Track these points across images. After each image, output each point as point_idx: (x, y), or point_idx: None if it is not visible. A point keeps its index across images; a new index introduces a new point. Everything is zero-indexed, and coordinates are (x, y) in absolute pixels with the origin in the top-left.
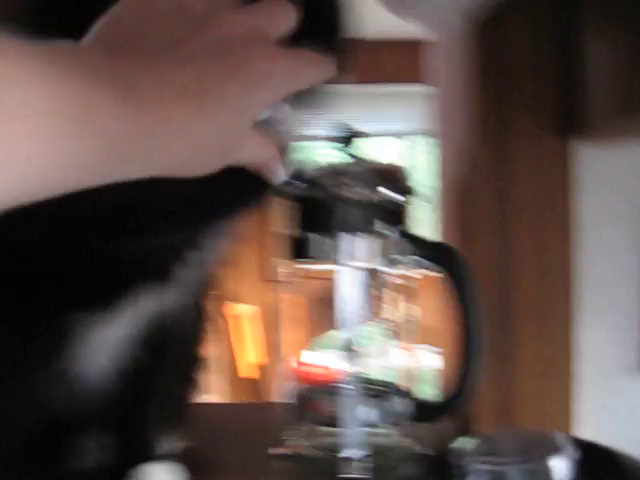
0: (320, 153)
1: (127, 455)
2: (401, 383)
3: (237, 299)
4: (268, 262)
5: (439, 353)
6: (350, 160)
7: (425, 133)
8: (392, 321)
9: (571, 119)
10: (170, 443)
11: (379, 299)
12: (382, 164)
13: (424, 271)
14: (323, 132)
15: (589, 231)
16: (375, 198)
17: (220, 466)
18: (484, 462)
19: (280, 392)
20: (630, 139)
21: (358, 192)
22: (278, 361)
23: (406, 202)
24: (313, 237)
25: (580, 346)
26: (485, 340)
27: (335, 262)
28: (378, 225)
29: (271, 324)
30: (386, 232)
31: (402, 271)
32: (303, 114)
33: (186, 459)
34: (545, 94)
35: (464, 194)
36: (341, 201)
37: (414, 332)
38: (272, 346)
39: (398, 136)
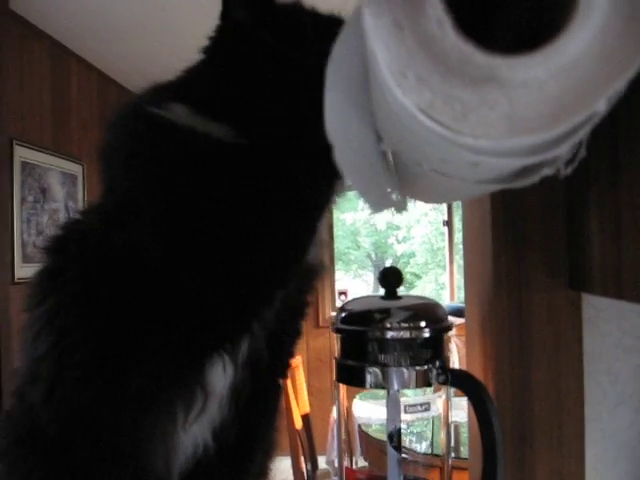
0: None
1: None
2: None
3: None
4: (319, 308)
5: None
6: (392, 296)
7: None
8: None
9: (579, 274)
10: None
11: None
12: (421, 299)
13: None
14: None
15: (599, 364)
16: (414, 333)
17: None
18: None
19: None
20: (627, 291)
21: (398, 327)
22: (322, 410)
23: (442, 335)
24: (358, 365)
25: (592, 462)
26: (504, 459)
27: (376, 387)
28: (415, 356)
29: (313, 372)
30: (423, 363)
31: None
32: None
33: None
34: (557, 251)
35: (487, 332)
36: (382, 335)
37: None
38: (315, 395)
39: None
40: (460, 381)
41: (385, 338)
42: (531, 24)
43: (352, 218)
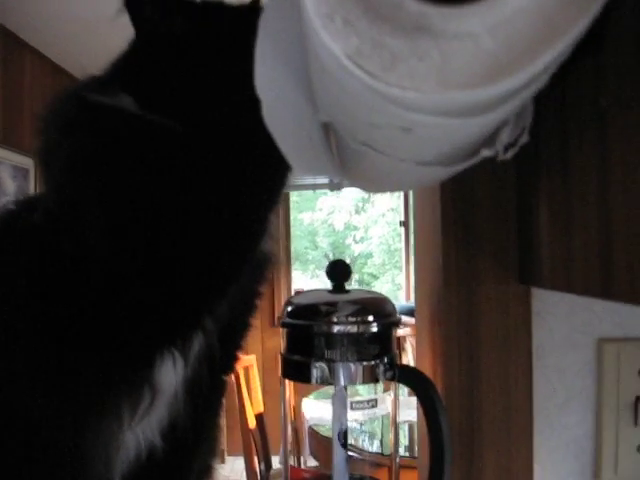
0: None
1: None
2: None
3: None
4: (275, 307)
5: None
6: (340, 290)
7: None
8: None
9: (529, 267)
10: None
11: None
12: (370, 294)
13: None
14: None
15: (548, 359)
16: (361, 327)
17: None
18: None
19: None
20: (576, 284)
21: (345, 321)
22: (277, 410)
23: (390, 330)
24: (304, 360)
25: (540, 459)
26: (452, 456)
27: (322, 383)
28: (362, 352)
29: (268, 372)
30: (369, 358)
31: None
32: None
33: None
34: (507, 245)
35: (436, 328)
36: (329, 329)
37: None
38: (270, 394)
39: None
40: (408, 377)
41: (332, 332)
42: None
43: (310, 218)
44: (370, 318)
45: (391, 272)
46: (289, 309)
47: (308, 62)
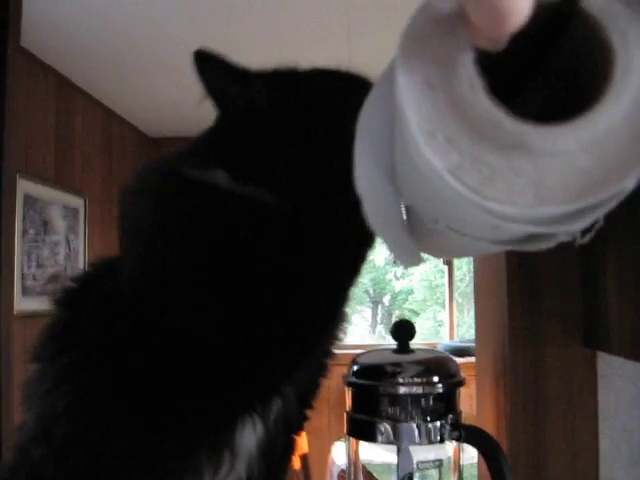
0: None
1: None
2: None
3: None
4: None
5: None
6: (404, 350)
7: None
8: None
9: (595, 333)
10: None
11: None
12: (433, 353)
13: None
14: None
15: (614, 421)
16: (426, 388)
17: None
18: None
19: None
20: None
21: (411, 382)
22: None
23: (455, 390)
24: (369, 420)
25: None
26: None
27: (388, 443)
28: (427, 412)
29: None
30: (434, 418)
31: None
32: None
33: None
34: (572, 311)
35: (501, 388)
36: (394, 390)
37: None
38: (313, 433)
39: None
40: (474, 438)
41: (397, 393)
42: (564, 89)
43: None
44: (435, 379)
45: (432, 308)
46: (355, 369)
47: (398, 161)
